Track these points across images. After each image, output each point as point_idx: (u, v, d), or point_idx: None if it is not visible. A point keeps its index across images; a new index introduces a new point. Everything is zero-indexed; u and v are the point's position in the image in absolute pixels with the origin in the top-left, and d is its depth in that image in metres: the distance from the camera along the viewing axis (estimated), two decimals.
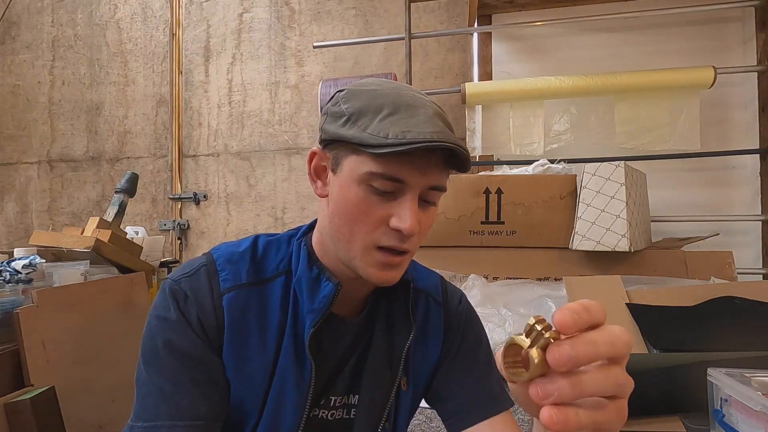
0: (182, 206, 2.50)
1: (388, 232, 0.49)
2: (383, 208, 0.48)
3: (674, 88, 1.68)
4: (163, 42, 2.52)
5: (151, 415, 0.48)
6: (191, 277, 0.53)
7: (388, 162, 0.46)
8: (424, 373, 0.61)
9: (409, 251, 0.51)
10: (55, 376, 1.17)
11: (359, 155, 0.48)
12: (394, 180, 0.47)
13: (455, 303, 0.64)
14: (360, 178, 0.48)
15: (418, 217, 0.49)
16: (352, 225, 0.49)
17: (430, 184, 0.49)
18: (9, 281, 1.26)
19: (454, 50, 2.18)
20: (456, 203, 1.50)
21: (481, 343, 0.64)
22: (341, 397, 0.56)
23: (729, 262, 1.35)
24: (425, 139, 0.44)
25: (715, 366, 0.80)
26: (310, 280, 0.53)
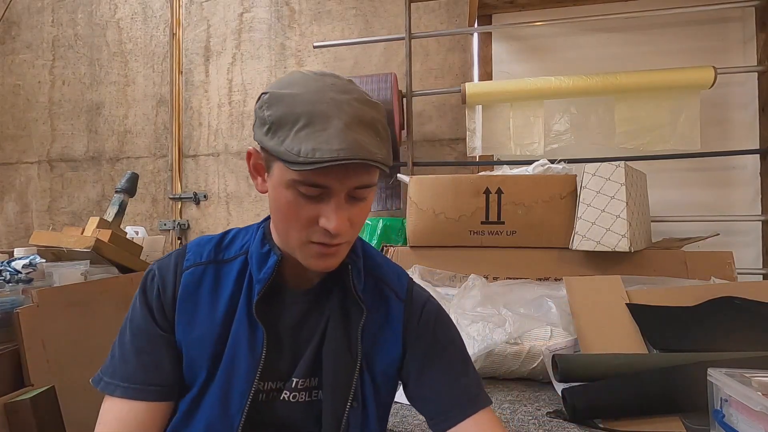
0: (182, 206, 2.50)
1: (318, 230, 0.53)
2: (312, 210, 0.52)
3: (674, 88, 1.68)
4: (163, 42, 2.52)
5: (109, 372, 0.59)
6: (164, 259, 0.63)
7: (306, 174, 0.49)
8: (385, 361, 0.63)
9: (344, 242, 0.55)
10: (55, 376, 1.17)
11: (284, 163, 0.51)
12: (317, 186, 0.51)
13: (419, 303, 0.66)
14: (287, 184, 0.52)
15: (346, 215, 0.53)
16: (286, 223, 0.55)
17: (353, 185, 0.52)
18: (9, 281, 1.26)
19: (455, 50, 2.18)
20: (456, 203, 1.50)
21: (454, 343, 0.66)
22: (304, 379, 0.60)
23: (729, 262, 1.35)
24: (332, 158, 0.47)
25: (715, 366, 0.80)
26: (259, 255, 0.60)
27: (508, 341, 1.10)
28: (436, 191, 1.52)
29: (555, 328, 1.12)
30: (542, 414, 0.94)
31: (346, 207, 0.53)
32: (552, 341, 1.09)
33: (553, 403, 0.99)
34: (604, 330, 1.07)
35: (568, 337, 1.09)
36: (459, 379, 0.63)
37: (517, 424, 0.90)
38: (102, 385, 0.59)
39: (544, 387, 1.09)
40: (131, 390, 0.57)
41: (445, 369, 0.63)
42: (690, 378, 0.83)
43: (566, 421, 0.90)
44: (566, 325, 1.13)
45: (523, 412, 0.96)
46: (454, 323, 0.69)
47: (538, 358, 1.09)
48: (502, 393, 1.06)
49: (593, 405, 0.88)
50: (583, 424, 0.88)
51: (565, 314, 1.15)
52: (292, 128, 0.49)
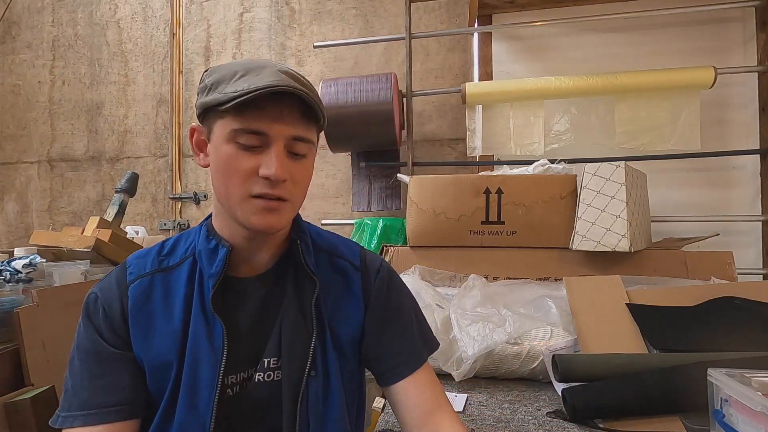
0: (182, 206, 2.50)
1: (259, 181, 0.54)
2: (251, 161, 0.54)
3: (674, 88, 1.68)
4: (163, 42, 2.52)
5: (66, 407, 0.57)
6: (104, 280, 0.62)
7: (245, 117, 0.53)
8: (349, 329, 0.66)
9: (286, 199, 0.56)
10: (55, 376, 1.17)
11: (224, 118, 0.55)
12: (255, 133, 0.54)
13: (374, 270, 0.70)
14: (227, 137, 0.54)
15: (286, 166, 0.55)
16: (227, 180, 0.55)
17: (291, 134, 0.55)
18: (9, 281, 1.26)
19: (455, 50, 2.18)
20: (456, 203, 1.50)
21: (402, 305, 0.71)
22: (275, 359, 0.61)
23: (729, 262, 1.35)
24: (265, 85, 0.51)
25: (715, 366, 0.80)
26: (208, 251, 0.60)
27: (508, 341, 1.10)
28: (436, 191, 1.52)
29: (555, 328, 1.12)
30: (542, 414, 0.94)
31: (286, 159, 0.55)
32: (552, 341, 1.09)
33: (553, 403, 0.99)
34: (604, 330, 1.07)
35: (568, 337, 1.09)
36: (407, 339, 0.69)
37: (517, 424, 0.90)
38: (60, 421, 0.56)
39: (544, 387, 1.09)
40: (90, 416, 0.55)
41: (398, 331, 0.68)
42: (690, 378, 0.83)
43: (566, 421, 0.90)
44: (566, 325, 1.13)
45: (523, 412, 0.96)
46: (404, 284, 0.74)
47: (538, 358, 1.09)
48: (502, 393, 1.06)
49: (593, 405, 0.88)
50: (583, 424, 0.88)
51: (565, 314, 1.15)
52: (231, 80, 0.54)
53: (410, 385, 0.66)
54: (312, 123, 0.58)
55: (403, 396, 0.66)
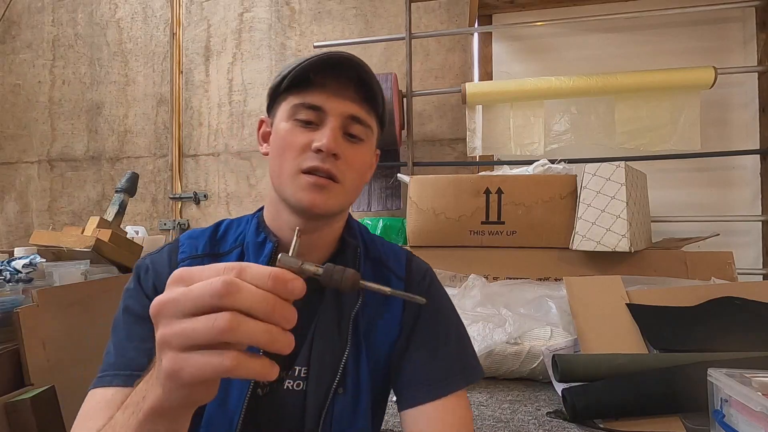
0: (182, 206, 2.50)
1: (311, 155, 0.53)
2: (307, 136, 0.54)
3: (674, 88, 1.68)
4: (163, 41, 2.52)
5: (105, 367, 0.54)
6: (156, 253, 0.61)
7: (304, 92, 0.54)
8: (385, 344, 0.61)
9: (337, 178, 0.54)
10: (55, 376, 1.17)
11: (285, 99, 0.56)
12: (312, 108, 0.54)
13: (418, 279, 0.65)
14: (287, 115, 0.55)
15: (340, 144, 0.54)
16: (281, 156, 0.55)
17: (348, 111, 0.54)
18: (9, 280, 1.26)
19: (455, 50, 2.18)
20: (456, 203, 1.50)
21: (436, 321, 0.62)
22: (305, 368, 0.58)
23: (729, 262, 1.35)
24: (324, 54, 0.52)
25: (715, 366, 0.80)
26: (255, 244, 0.59)
27: (508, 341, 1.10)
28: (436, 191, 1.52)
29: (555, 328, 1.12)
30: (542, 414, 0.94)
31: (340, 136, 0.54)
32: (552, 341, 1.09)
33: (553, 403, 0.99)
34: (604, 330, 1.07)
35: (568, 337, 1.09)
36: (437, 358, 0.59)
37: (517, 424, 0.90)
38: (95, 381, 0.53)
39: (544, 387, 1.09)
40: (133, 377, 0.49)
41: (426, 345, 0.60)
42: (690, 378, 0.83)
43: (566, 421, 0.90)
44: (566, 325, 1.13)
45: (523, 412, 0.96)
46: (448, 299, 0.66)
47: (538, 358, 1.09)
48: (502, 393, 1.06)
49: (593, 405, 0.88)
50: (583, 424, 0.88)
51: (565, 314, 1.15)
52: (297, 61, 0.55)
53: (426, 415, 0.56)
54: (371, 110, 0.57)
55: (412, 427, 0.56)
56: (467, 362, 0.61)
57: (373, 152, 0.61)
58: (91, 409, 0.51)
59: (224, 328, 0.29)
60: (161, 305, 0.32)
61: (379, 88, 0.57)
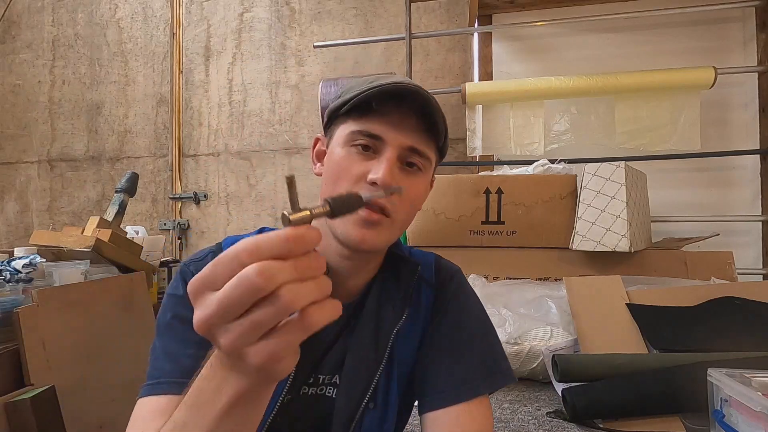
0: (182, 206, 2.50)
1: (365, 186, 0.51)
2: (363, 166, 0.52)
3: (674, 88, 1.68)
4: (163, 41, 2.52)
5: (157, 374, 0.51)
6: (200, 261, 0.58)
7: (364, 120, 0.52)
8: (411, 354, 0.60)
9: (389, 213, 0.52)
10: (55, 376, 1.17)
11: (345, 123, 0.54)
12: (371, 136, 0.52)
13: (446, 282, 0.64)
14: (345, 140, 0.53)
15: (396, 176, 0.52)
16: (334, 184, 0.53)
17: (407, 143, 0.52)
18: (9, 280, 1.26)
19: (455, 50, 2.18)
20: (456, 203, 1.50)
21: (462, 322, 0.61)
22: (329, 375, 0.57)
23: (729, 262, 1.35)
24: (387, 83, 0.51)
25: (715, 366, 0.80)
26: None
27: (508, 341, 1.10)
28: (436, 191, 1.50)
29: (555, 328, 1.12)
30: (542, 414, 0.94)
31: (397, 168, 0.52)
32: (552, 341, 1.09)
33: (553, 403, 0.99)
34: (604, 330, 1.07)
35: (568, 337, 1.09)
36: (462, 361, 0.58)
37: (517, 424, 0.90)
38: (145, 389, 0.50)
39: (544, 387, 1.09)
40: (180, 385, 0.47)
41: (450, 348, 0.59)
42: (690, 378, 0.83)
43: (566, 421, 0.90)
44: (566, 325, 1.13)
45: (523, 412, 0.96)
46: (477, 301, 0.64)
47: (538, 358, 1.09)
48: (502, 393, 1.06)
49: (593, 405, 0.88)
50: (583, 424, 0.88)
51: (565, 314, 1.15)
52: (362, 84, 0.53)
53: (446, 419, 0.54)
54: (432, 140, 0.55)
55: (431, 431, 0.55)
56: (494, 367, 0.59)
57: (429, 182, 0.60)
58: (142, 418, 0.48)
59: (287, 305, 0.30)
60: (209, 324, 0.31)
61: (442, 120, 0.54)
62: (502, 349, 0.62)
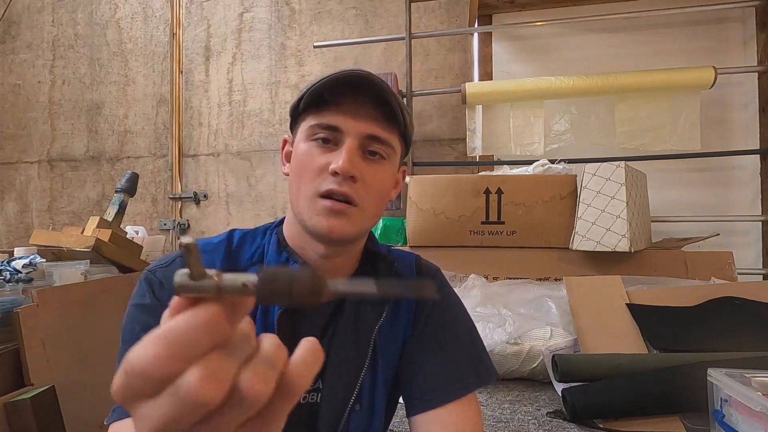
0: (182, 206, 2.50)
1: (327, 177, 0.52)
2: (325, 158, 0.52)
3: (674, 88, 1.68)
4: (163, 41, 2.52)
5: None
6: (167, 267, 0.55)
7: (322, 113, 0.53)
8: (395, 354, 0.60)
9: (354, 201, 0.52)
10: (55, 376, 1.17)
11: (305, 119, 0.55)
12: (329, 128, 0.52)
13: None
14: (305, 135, 0.54)
15: (357, 165, 0.52)
16: (299, 178, 0.54)
17: (365, 131, 0.53)
18: (9, 280, 1.26)
19: (455, 50, 2.18)
20: (456, 203, 1.50)
21: (446, 322, 0.61)
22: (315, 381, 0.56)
23: (729, 262, 1.35)
24: (337, 72, 0.51)
25: (715, 366, 0.80)
26: (279, 264, 0.56)
27: (508, 341, 1.10)
28: (436, 191, 1.52)
29: (555, 328, 1.12)
30: (542, 414, 0.94)
31: (358, 156, 0.52)
32: (552, 341, 1.09)
33: (553, 403, 0.99)
34: (604, 330, 1.07)
35: (568, 337, 1.09)
36: (449, 361, 0.58)
37: (517, 424, 0.90)
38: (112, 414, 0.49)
39: (544, 387, 1.09)
40: None
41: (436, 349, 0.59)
42: (690, 378, 0.83)
43: (566, 421, 0.90)
44: (566, 325, 1.13)
45: (523, 412, 0.96)
46: (459, 301, 0.65)
47: (538, 358, 1.09)
48: (502, 393, 1.06)
49: (593, 405, 0.88)
50: (583, 424, 0.88)
51: (565, 314, 1.15)
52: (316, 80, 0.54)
53: (439, 419, 0.55)
54: (393, 126, 0.54)
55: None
56: (480, 363, 0.60)
57: (396, 171, 0.59)
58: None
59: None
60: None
61: (399, 106, 0.54)
62: (484, 346, 0.63)
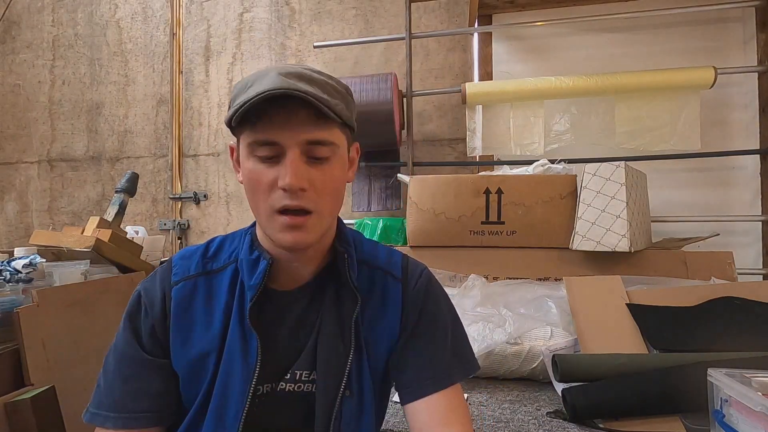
0: (182, 206, 2.50)
1: (279, 193, 0.52)
2: (271, 173, 0.53)
3: (674, 88, 1.68)
4: (163, 41, 2.52)
5: (96, 403, 0.58)
6: (148, 280, 0.61)
7: (257, 129, 0.52)
8: (384, 345, 0.63)
9: (311, 210, 0.53)
10: (55, 376, 1.17)
11: (243, 132, 0.54)
12: (269, 144, 0.52)
13: (414, 279, 0.65)
14: (248, 152, 0.54)
15: (303, 174, 0.52)
16: (253, 195, 0.54)
17: (303, 138, 0.52)
18: (9, 281, 1.26)
19: (455, 50, 2.18)
20: (456, 203, 1.50)
21: (437, 317, 0.65)
22: (307, 372, 0.60)
23: (729, 262, 1.35)
24: (258, 92, 0.49)
25: (715, 366, 0.80)
26: (249, 262, 0.59)
27: (508, 341, 1.10)
28: (436, 191, 1.52)
29: (555, 328, 1.12)
30: (542, 414, 0.94)
31: (303, 166, 0.52)
32: (552, 341, 1.09)
33: (553, 403, 0.99)
34: (604, 330, 1.07)
35: (568, 337, 1.09)
36: (437, 354, 0.62)
37: (517, 424, 0.90)
38: (88, 416, 0.57)
39: (544, 387, 1.09)
40: (120, 419, 0.56)
41: (426, 345, 0.62)
42: (690, 378, 0.83)
43: (566, 421, 0.90)
44: (566, 325, 1.13)
45: (523, 412, 0.96)
46: (446, 296, 0.68)
47: (538, 358, 1.09)
48: (502, 393, 1.06)
49: (593, 405, 0.88)
50: (583, 424, 0.88)
51: (565, 314, 1.15)
52: (242, 92, 0.53)
53: (425, 406, 0.59)
54: (330, 123, 0.54)
55: (414, 420, 0.60)
56: (465, 357, 0.65)
57: (345, 162, 0.59)
58: None
59: None
60: None
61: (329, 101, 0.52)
62: (467, 339, 0.68)
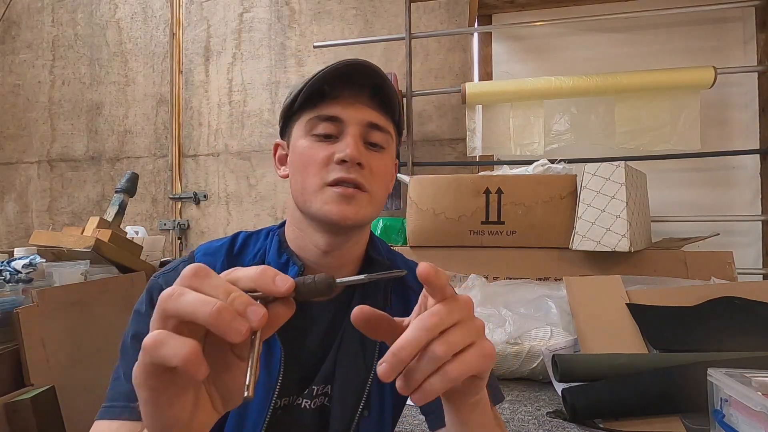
0: (182, 206, 2.50)
1: (334, 167, 0.52)
2: (328, 149, 0.52)
3: (674, 88, 1.68)
4: (163, 42, 2.52)
5: (113, 396, 0.51)
6: (170, 272, 0.57)
7: (320, 106, 0.53)
8: None
9: (364, 187, 0.52)
10: (55, 376, 1.17)
11: (300, 117, 0.55)
12: (330, 119, 0.52)
13: None
14: (304, 131, 0.54)
15: (363, 154, 0.52)
16: (304, 174, 0.53)
17: (366, 119, 0.53)
18: (9, 281, 1.26)
19: (455, 50, 2.18)
20: (456, 203, 1.49)
21: None
22: (323, 386, 0.57)
23: (729, 262, 1.35)
24: (335, 65, 0.51)
25: (715, 366, 0.80)
26: (278, 266, 0.55)
27: (508, 341, 1.10)
28: (436, 191, 1.52)
29: (555, 328, 1.12)
30: (542, 414, 0.94)
31: (362, 145, 0.53)
32: (552, 341, 1.09)
33: (553, 403, 0.99)
34: (604, 330, 1.07)
35: (568, 337, 1.09)
36: None
37: (517, 424, 0.90)
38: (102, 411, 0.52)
39: (544, 387, 1.09)
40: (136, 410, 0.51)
41: None
42: (690, 378, 0.83)
43: (566, 421, 0.90)
44: (566, 325, 1.13)
45: (523, 412, 0.95)
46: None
47: (538, 358, 1.09)
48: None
49: (593, 405, 0.88)
50: (583, 424, 0.88)
51: (565, 314, 1.15)
52: (305, 81, 0.54)
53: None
54: (389, 116, 0.55)
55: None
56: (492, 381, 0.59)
57: (394, 160, 0.59)
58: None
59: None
60: None
61: (394, 94, 0.54)
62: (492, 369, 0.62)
